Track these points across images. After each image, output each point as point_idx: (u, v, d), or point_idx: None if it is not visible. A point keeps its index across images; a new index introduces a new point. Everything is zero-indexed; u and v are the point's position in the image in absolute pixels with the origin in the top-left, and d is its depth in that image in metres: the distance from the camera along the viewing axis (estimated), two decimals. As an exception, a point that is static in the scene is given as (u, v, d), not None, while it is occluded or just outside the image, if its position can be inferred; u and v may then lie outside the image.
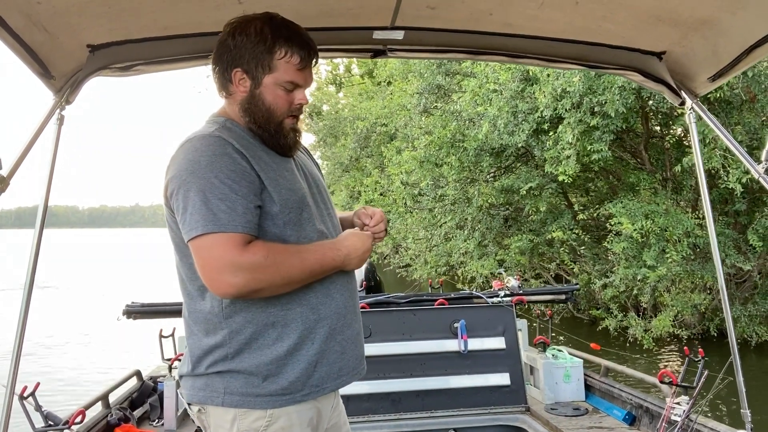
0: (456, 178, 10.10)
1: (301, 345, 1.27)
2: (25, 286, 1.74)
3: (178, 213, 1.22)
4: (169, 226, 1.30)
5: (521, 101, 8.45)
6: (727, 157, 6.89)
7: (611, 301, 8.65)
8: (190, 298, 1.30)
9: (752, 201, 7.74)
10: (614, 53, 2.06)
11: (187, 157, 1.22)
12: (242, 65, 1.30)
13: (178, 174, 1.22)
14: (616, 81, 7.07)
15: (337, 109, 20.23)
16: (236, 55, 1.30)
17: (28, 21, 1.54)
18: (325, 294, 1.32)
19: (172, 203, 1.24)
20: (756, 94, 7.05)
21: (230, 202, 1.18)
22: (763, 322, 7.89)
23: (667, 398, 2.26)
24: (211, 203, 1.17)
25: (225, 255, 1.16)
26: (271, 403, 1.24)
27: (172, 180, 1.23)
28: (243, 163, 1.23)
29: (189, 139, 1.26)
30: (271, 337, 1.25)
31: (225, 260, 1.16)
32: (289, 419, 1.25)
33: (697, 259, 7.88)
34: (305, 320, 1.28)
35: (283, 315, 1.26)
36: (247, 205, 1.21)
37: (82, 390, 6.97)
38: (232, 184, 1.20)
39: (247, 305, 1.24)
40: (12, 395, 1.72)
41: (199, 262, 1.20)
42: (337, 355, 1.32)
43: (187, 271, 1.29)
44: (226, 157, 1.22)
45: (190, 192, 1.19)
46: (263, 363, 1.24)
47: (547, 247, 9.75)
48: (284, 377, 1.25)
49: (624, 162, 9.41)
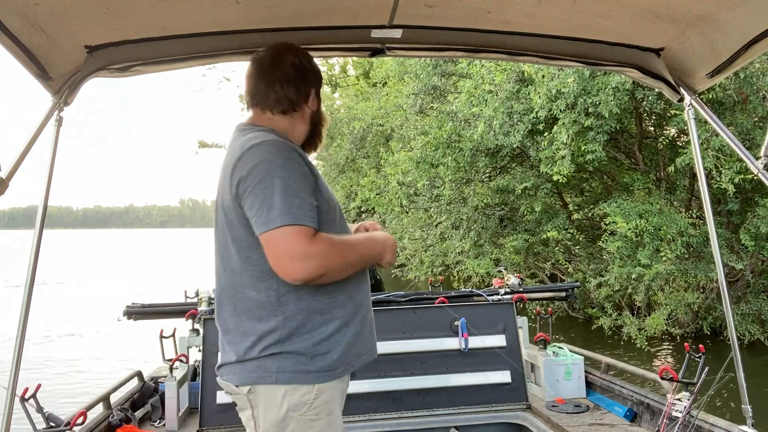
0: (452, 179, 10.13)
1: (341, 328, 1.45)
2: (25, 288, 1.74)
3: (252, 207, 1.35)
4: (228, 220, 1.42)
5: (516, 102, 8.50)
6: (720, 158, 6.96)
7: (606, 300, 8.71)
8: (243, 287, 1.42)
9: (745, 201, 7.82)
10: (613, 50, 2.07)
11: (262, 157, 1.37)
12: (316, 87, 1.60)
13: (255, 172, 1.35)
14: (610, 82, 7.12)
15: (332, 110, 20.18)
16: (315, 78, 1.60)
17: (25, 22, 1.54)
18: (357, 284, 1.50)
19: (245, 199, 1.37)
20: (748, 95, 7.12)
21: (300, 199, 1.34)
22: (755, 321, 7.97)
23: (668, 394, 2.28)
24: (287, 199, 1.32)
25: (298, 245, 1.30)
26: (318, 378, 1.40)
27: (247, 178, 1.36)
28: (305, 167, 1.42)
29: (260, 142, 1.40)
30: (318, 321, 1.42)
31: (298, 249, 1.30)
32: (331, 392, 1.42)
33: (690, 258, 7.95)
34: (345, 306, 1.46)
35: (328, 302, 1.43)
36: (312, 202, 1.38)
37: (83, 391, 6.94)
38: (302, 184, 1.37)
39: (300, 295, 1.40)
40: (13, 397, 1.72)
41: (274, 252, 1.33)
42: (365, 337, 1.51)
43: (243, 263, 1.41)
44: (295, 159, 1.40)
45: (269, 189, 1.33)
46: (311, 344, 1.40)
47: (542, 247, 9.80)
48: (329, 356, 1.41)
49: (618, 162, 9.48)
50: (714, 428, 2.07)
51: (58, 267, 26.92)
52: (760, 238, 7.49)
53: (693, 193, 8.59)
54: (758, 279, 8.24)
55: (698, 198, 8.50)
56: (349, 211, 17.75)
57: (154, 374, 3.31)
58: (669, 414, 2.18)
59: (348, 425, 2.69)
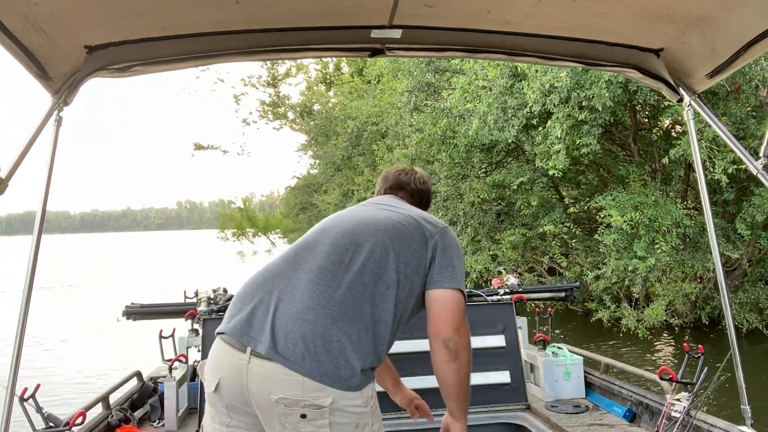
0: (447, 175, 10.13)
1: None
2: (24, 289, 1.74)
3: (446, 268, 1.63)
4: (412, 267, 1.62)
5: (510, 97, 8.49)
6: (713, 149, 6.97)
7: (604, 293, 8.74)
8: (376, 323, 1.55)
9: (740, 190, 7.85)
10: (612, 50, 2.07)
11: (455, 238, 1.74)
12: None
13: (454, 246, 1.69)
14: (602, 75, 7.12)
15: (327, 109, 20.16)
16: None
17: (25, 22, 1.53)
18: None
19: (442, 258, 1.65)
20: (741, 84, 7.13)
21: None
22: (753, 310, 8.02)
23: (667, 395, 2.29)
24: (462, 275, 1.67)
25: (463, 309, 1.61)
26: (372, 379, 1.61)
27: (450, 247, 1.68)
28: None
29: (447, 227, 1.76)
30: None
31: (463, 312, 1.61)
32: (372, 388, 1.59)
33: (686, 249, 7.98)
34: None
35: None
36: None
37: (82, 391, 6.95)
38: None
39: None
40: (12, 397, 1.73)
41: (449, 306, 1.60)
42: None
43: (394, 303, 1.59)
44: None
45: (459, 261, 1.67)
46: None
47: (540, 241, 9.82)
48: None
49: (613, 155, 9.49)
50: (713, 428, 2.08)
51: (54, 271, 26.87)
52: (756, 227, 7.52)
53: (688, 183, 8.61)
54: (755, 268, 8.28)
55: (694, 188, 8.52)
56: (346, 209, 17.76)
57: (153, 374, 3.31)
58: (668, 414, 2.18)
59: None
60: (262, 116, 24.28)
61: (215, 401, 1.54)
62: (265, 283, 1.57)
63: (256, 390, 1.46)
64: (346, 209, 1.81)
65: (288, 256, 1.63)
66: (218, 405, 1.54)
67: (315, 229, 1.71)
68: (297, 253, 1.62)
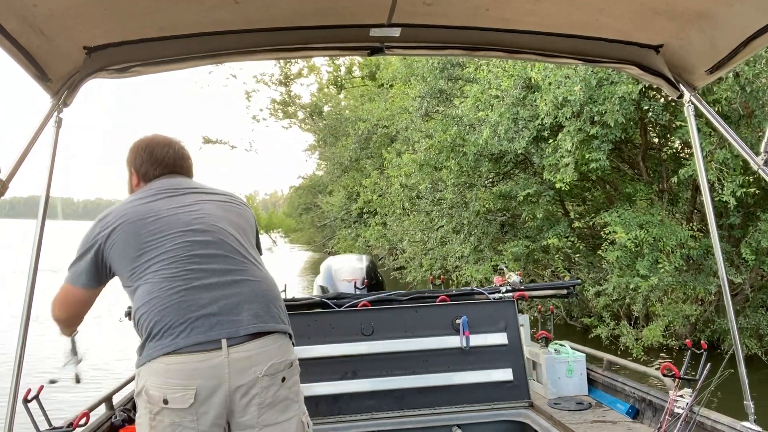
0: (454, 183, 10.15)
1: None
2: (26, 291, 1.75)
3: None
4: (254, 227, 1.93)
5: (522, 108, 8.53)
6: (723, 170, 6.98)
7: (604, 310, 8.71)
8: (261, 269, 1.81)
9: (746, 215, 7.85)
10: (612, 47, 2.08)
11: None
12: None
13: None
14: (616, 91, 7.15)
15: (338, 110, 20.21)
16: None
17: (24, 24, 1.53)
18: None
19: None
20: (753, 109, 7.16)
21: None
22: (753, 336, 7.98)
23: (670, 391, 2.30)
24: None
25: None
26: None
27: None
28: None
29: None
30: None
31: None
32: None
33: (689, 270, 7.97)
34: None
35: None
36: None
37: (85, 392, 6.90)
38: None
39: None
40: (15, 398, 1.73)
41: None
42: None
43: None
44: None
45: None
46: None
47: (543, 254, 9.81)
48: None
49: (621, 172, 9.51)
50: (716, 424, 2.08)
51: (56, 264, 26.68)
52: (760, 253, 7.49)
53: (695, 205, 8.61)
54: (757, 294, 8.25)
55: (700, 211, 8.51)
56: (350, 212, 17.76)
57: None
58: (671, 410, 2.19)
59: (350, 424, 2.69)
60: (272, 114, 24.43)
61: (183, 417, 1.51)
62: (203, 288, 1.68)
63: (238, 378, 1.50)
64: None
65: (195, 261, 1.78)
66: (186, 420, 1.51)
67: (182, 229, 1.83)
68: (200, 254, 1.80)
